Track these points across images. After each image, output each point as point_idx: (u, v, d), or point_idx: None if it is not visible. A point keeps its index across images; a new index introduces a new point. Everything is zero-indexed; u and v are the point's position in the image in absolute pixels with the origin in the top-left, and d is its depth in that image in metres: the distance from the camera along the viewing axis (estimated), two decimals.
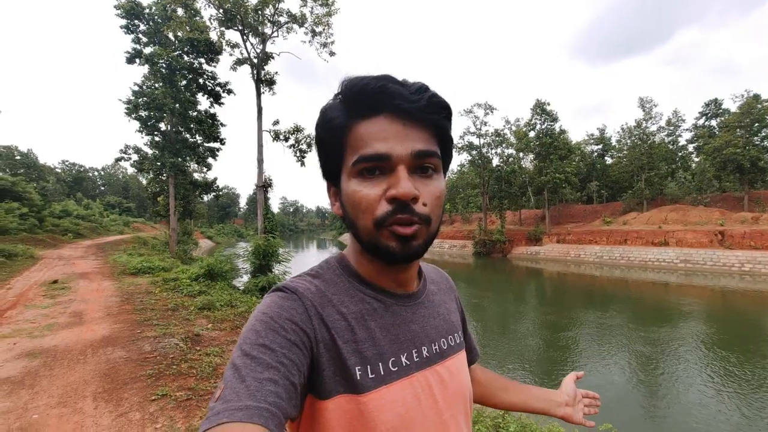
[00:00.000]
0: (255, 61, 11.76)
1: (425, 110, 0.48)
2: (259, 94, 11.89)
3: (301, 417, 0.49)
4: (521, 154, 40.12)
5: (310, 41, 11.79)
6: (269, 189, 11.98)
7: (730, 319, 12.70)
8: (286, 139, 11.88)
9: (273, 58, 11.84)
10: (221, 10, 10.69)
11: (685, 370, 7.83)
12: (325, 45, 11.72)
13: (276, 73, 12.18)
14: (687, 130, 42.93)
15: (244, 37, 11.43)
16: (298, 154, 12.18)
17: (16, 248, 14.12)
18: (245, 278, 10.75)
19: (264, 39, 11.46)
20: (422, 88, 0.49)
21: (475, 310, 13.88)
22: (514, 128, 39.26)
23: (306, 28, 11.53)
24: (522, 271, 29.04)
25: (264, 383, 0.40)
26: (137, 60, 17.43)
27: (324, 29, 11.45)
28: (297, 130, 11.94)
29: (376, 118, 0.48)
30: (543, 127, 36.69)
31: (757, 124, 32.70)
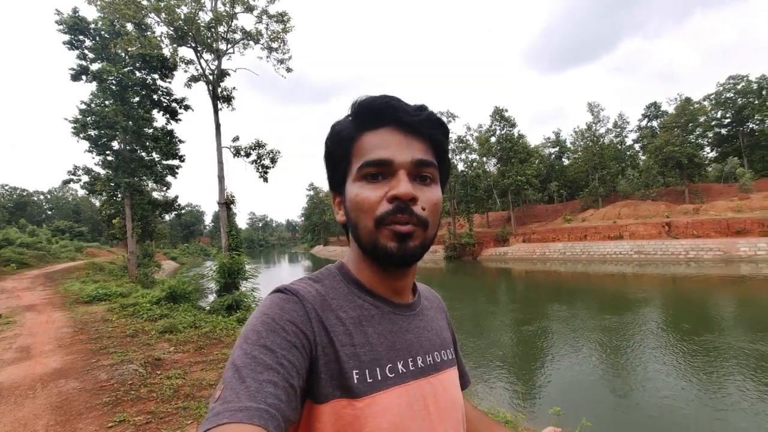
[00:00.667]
0: (210, 77, 11.58)
1: (424, 125, 0.53)
2: (216, 111, 11.70)
3: (299, 421, 0.49)
4: (484, 159, 41.70)
5: (267, 57, 11.81)
6: (232, 206, 11.73)
7: (681, 303, 13.74)
8: (248, 155, 11.73)
9: (229, 74, 11.73)
10: (172, 28, 10.47)
11: (645, 353, 8.32)
12: (281, 61, 11.76)
13: (234, 88, 12.07)
14: (631, 131, 46.58)
15: (198, 54, 11.25)
16: (260, 170, 12.05)
17: None
18: (211, 298, 10.41)
19: (219, 55, 11.34)
20: (422, 107, 0.55)
21: (450, 313, 14.06)
22: (476, 134, 40.81)
23: (262, 44, 11.55)
24: (492, 272, 29.90)
25: (264, 384, 0.40)
26: (83, 77, 16.66)
27: (280, 45, 11.52)
28: (259, 145, 11.82)
29: (380, 129, 0.53)
30: (503, 132, 38.42)
31: (691, 124, 36.05)
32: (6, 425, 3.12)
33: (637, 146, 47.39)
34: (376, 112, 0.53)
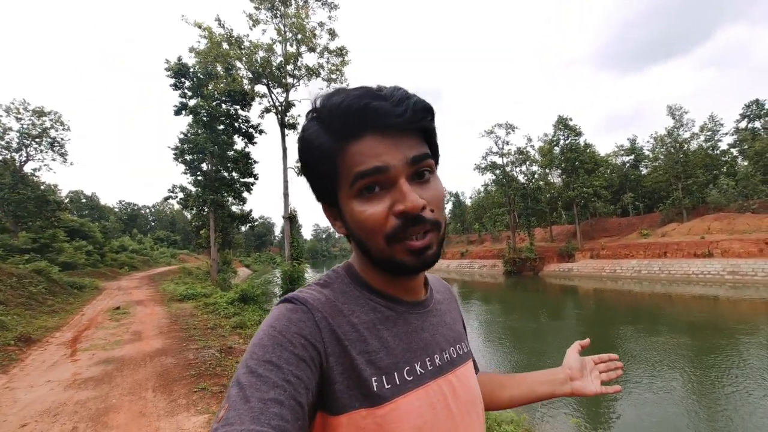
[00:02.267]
0: (279, 108, 13.38)
1: (411, 120, 0.48)
2: (283, 137, 13.45)
3: None
4: (547, 171, 39.78)
5: (327, 88, 13.31)
6: (295, 219, 13.24)
7: None
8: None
9: (294, 105, 13.47)
10: (250, 72, 12.47)
11: (753, 387, 7.12)
12: None
13: (299, 115, 13.79)
14: (726, 134, 40.83)
15: (270, 89, 13.13)
16: None
17: (84, 281, 16.25)
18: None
19: (287, 89, 13.13)
20: (403, 97, 0.48)
21: (507, 331, 13.40)
22: (537, 145, 39.26)
23: (323, 76, 13.10)
24: (555, 288, 28.31)
25: (268, 404, 0.38)
26: (183, 111, 19.97)
27: (338, 77, 12.96)
28: None
29: (363, 138, 0.47)
30: (567, 142, 36.44)
31: None
32: (128, 383, 4.40)
33: (734, 151, 41.32)
34: (354, 121, 0.47)
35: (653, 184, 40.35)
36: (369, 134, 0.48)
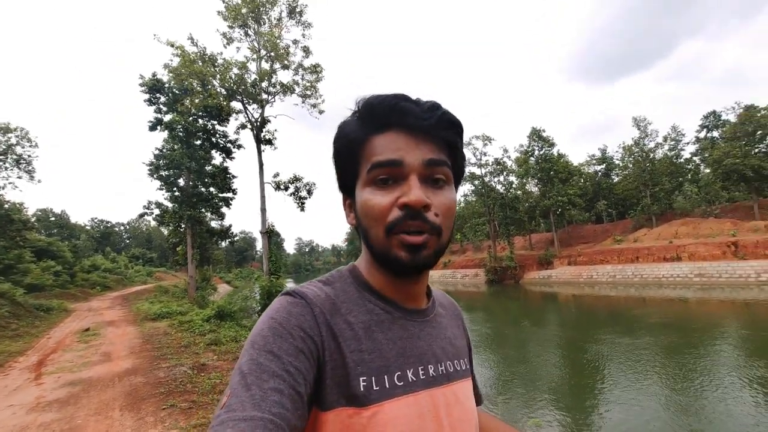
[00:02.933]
0: (255, 124, 13.52)
1: (436, 127, 0.51)
2: (259, 152, 13.56)
3: (304, 430, 0.46)
4: (525, 180, 41.04)
5: (302, 104, 13.59)
6: (273, 234, 13.21)
7: (763, 331, 11.74)
8: (286, 189, 13.34)
9: (269, 121, 13.64)
10: (223, 88, 12.60)
11: (729, 391, 7.08)
12: (314, 106, 13.49)
13: (276, 130, 13.95)
14: (688, 143, 43.29)
15: (245, 106, 13.27)
16: (297, 201, 13.57)
17: (52, 303, 15.57)
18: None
19: (262, 105, 13.30)
20: (434, 107, 0.52)
21: (491, 340, 13.44)
22: (514, 156, 40.53)
23: (298, 92, 13.35)
24: (535, 295, 28.89)
25: (269, 392, 0.40)
26: (158, 127, 19.72)
27: (312, 93, 13.23)
28: (296, 179, 13.43)
29: (389, 132, 0.51)
30: (541, 152, 37.80)
31: (759, 132, 32.78)
32: (95, 404, 4.32)
33: (697, 159, 43.82)
34: (384, 115, 0.51)
35: (624, 192, 42.19)
36: (394, 130, 0.51)
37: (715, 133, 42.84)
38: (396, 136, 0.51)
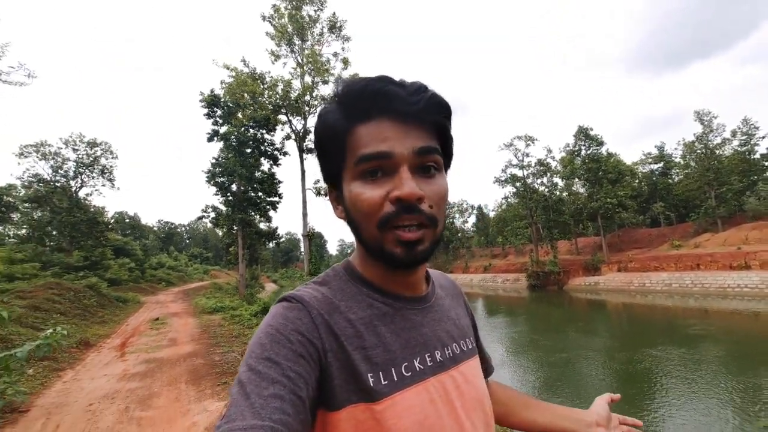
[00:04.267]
0: (299, 135, 14.67)
1: (424, 111, 0.49)
2: (302, 161, 14.69)
3: None
4: (570, 181, 39.26)
5: None
6: (314, 237, 14.25)
7: None
8: (326, 195, 14.31)
9: (311, 132, 14.71)
10: (270, 104, 13.88)
11: None
12: None
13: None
14: (763, 137, 38.79)
15: (289, 118, 14.46)
16: None
17: (128, 295, 17.98)
18: None
19: (305, 117, 14.43)
20: (421, 89, 0.50)
21: (531, 348, 13.18)
22: (558, 156, 38.97)
23: None
24: (581, 303, 27.70)
25: (269, 400, 0.39)
26: (215, 138, 21.83)
27: None
28: None
29: (375, 120, 0.48)
30: (588, 152, 36.00)
31: None
32: (166, 377, 5.37)
33: None
34: (368, 101, 0.48)
35: (684, 192, 38.79)
36: (380, 117, 0.48)
37: None
38: (382, 124, 0.48)
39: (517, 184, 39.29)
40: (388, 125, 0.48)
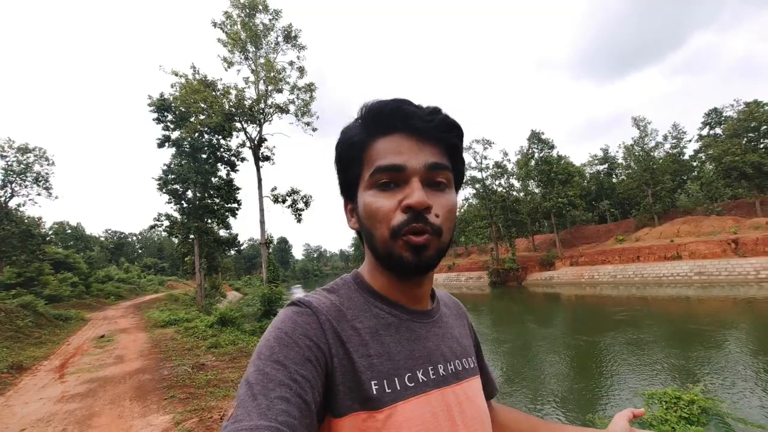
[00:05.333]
0: (254, 142, 14.48)
1: (437, 129, 0.53)
2: (258, 168, 14.50)
3: None
4: (526, 183, 41.41)
5: (297, 122, 14.53)
6: (272, 244, 14.07)
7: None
8: (284, 201, 14.25)
9: (266, 140, 14.63)
10: (222, 113, 13.62)
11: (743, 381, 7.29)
12: (308, 123, 14.42)
13: (274, 147, 14.92)
14: (690, 140, 43.18)
15: (244, 126, 14.24)
16: (295, 213, 14.47)
17: (70, 313, 16.62)
18: (255, 322, 12.55)
19: (260, 125, 14.26)
20: (436, 110, 0.54)
21: (494, 342, 13.58)
22: (514, 159, 41.00)
23: (292, 113, 14.30)
24: (538, 296, 29.20)
25: (276, 401, 0.40)
26: (166, 144, 20.83)
27: (306, 111, 14.15)
28: (293, 192, 14.35)
29: (392, 135, 0.52)
30: (541, 155, 38.20)
31: (765, 128, 32.57)
32: (109, 396, 5.14)
33: (703, 156, 43.64)
34: (387, 118, 0.53)
35: (626, 191, 42.25)
36: (396, 133, 0.53)
37: (718, 130, 42.75)
38: (399, 140, 0.52)
39: (477, 185, 40.86)
40: (404, 141, 0.52)
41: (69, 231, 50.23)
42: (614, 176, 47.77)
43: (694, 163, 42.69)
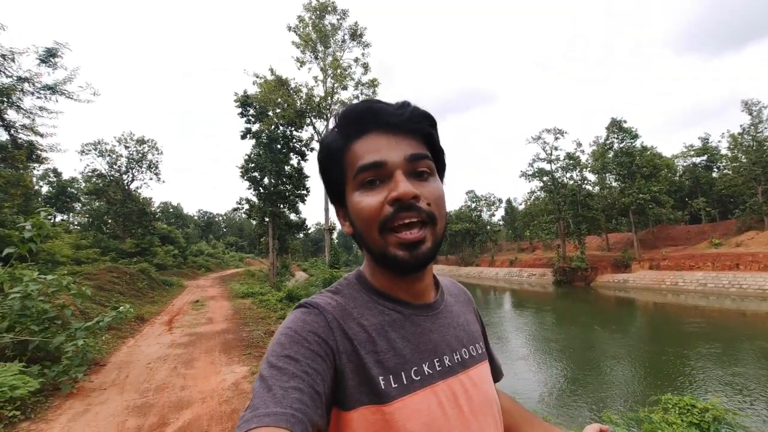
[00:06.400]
0: (321, 136, 15.83)
1: (410, 121, 0.54)
2: None
3: (327, 430, 0.49)
4: (602, 176, 37.98)
5: None
6: (333, 231, 15.43)
7: None
8: None
9: None
10: (293, 110, 15.10)
11: None
12: None
13: None
14: None
15: (312, 121, 15.61)
16: None
17: (173, 279, 20.10)
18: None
19: (326, 119, 15.51)
20: (405, 104, 0.55)
21: (558, 345, 12.98)
22: (589, 150, 37.80)
23: None
24: (607, 299, 27.29)
25: (289, 391, 0.42)
26: (248, 135, 23.41)
27: None
28: None
29: (367, 135, 0.54)
30: (621, 145, 34.68)
31: None
32: (204, 347, 6.65)
33: None
34: (358, 119, 0.54)
35: (728, 188, 36.48)
36: (371, 132, 0.54)
37: None
38: (374, 138, 0.54)
39: (545, 178, 38.58)
40: (379, 138, 0.54)
41: (171, 210, 58.75)
42: (715, 170, 41.35)
43: None
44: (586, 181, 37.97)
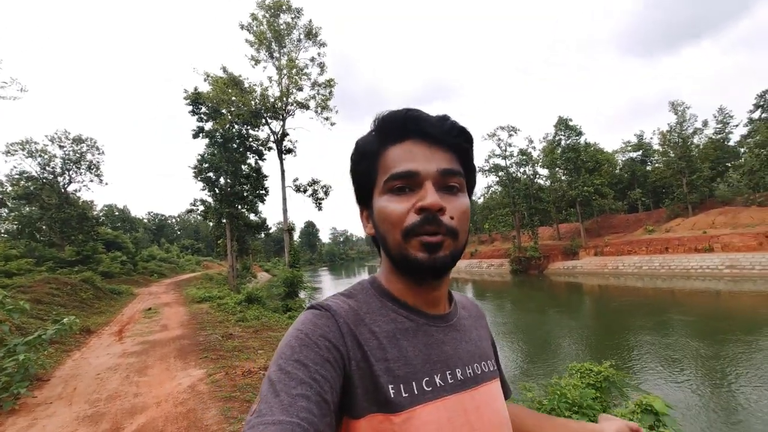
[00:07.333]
0: (277, 136, 15.62)
1: (448, 134, 0.54)
2: (281, 161, 15.67)
3: None
4: (552, 171, 40.55)
5: (317, 117, 15.54)
6: (293, 231, 15.35)
7: None
8: (305, 191, 15.43)
9: (288, 134, 15.73)
10: (248, 110, 14.79)
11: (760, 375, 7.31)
12: (327, 119, 15.36)
13: (296, 140, 16.01)
14: (737, 125, 40.31)
15: (267, 121, 15.37)
16: (315, 202, 15.65)
17: (121, 288, 18.87)
18: (278, 301, 13.96)
19: (283, 120, 15.34)
20: (444, 117, 0.56)
21: (513, 329, 13.83)
22: (540, 146, 40.17)
23: (312, 109, 15.30)
24: (558, 285, 29.22)
25: (297, 398, 0.41)
26: (200, 134, 22.43)
27: (326, 107, 15.07)
28: (314, 182, 15.50)
29: (404, 142, 0.54)
30: (567, 142, 37.22)
31: None
32: (158, 355, 6.45)
33: (752, 142, 40.63)
34: (398, 126, 0.55)
35: (659, 180, 40.42)
36: (409, 139, 0.55)
37: None
38: (411, 146, 0.54)
39: (500, 173, 40.49)
40: (416, 147, 0.54)
41: (117, 213, 54.70)
42: (649, 164, 45.60)
43: (742, 150, 39.95)
44: (538, 176, 40.37)
